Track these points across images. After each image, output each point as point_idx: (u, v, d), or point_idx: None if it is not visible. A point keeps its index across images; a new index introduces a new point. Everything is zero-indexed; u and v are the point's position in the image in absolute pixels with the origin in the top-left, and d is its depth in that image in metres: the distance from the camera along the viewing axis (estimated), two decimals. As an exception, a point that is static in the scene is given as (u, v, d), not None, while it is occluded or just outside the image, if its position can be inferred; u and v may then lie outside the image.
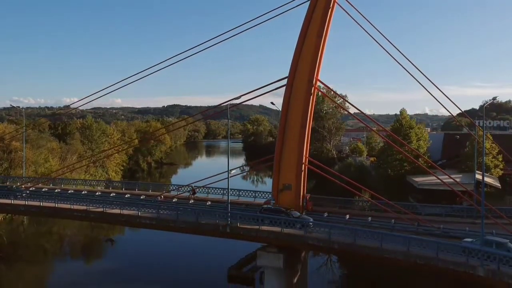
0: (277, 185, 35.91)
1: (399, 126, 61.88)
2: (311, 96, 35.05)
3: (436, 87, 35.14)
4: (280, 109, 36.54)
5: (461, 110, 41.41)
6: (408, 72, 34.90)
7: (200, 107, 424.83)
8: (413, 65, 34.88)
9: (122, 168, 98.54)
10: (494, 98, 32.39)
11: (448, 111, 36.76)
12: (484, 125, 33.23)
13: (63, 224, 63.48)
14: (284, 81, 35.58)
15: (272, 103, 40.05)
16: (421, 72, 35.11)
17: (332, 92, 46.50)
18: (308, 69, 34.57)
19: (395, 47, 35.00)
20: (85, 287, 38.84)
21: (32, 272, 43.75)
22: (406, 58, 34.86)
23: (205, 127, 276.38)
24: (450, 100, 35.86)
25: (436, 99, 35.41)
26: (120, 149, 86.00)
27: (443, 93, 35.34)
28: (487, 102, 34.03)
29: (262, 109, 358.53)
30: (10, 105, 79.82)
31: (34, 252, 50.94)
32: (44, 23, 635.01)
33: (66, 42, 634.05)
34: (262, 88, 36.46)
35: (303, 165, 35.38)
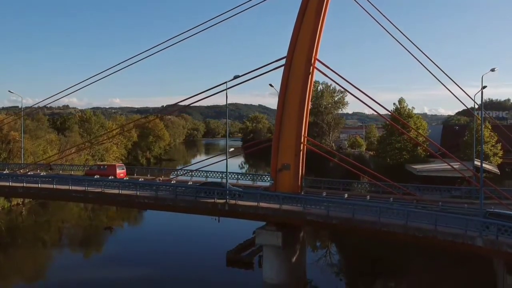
0: (275, 165, 35.76)
1: (397, 115, 61.90)
2: (310, 76, 35.00)
3: (456, 84, 35.16)
4: (279, 92, 36.43)
5: (477, 104, 41.32)
6: (427, 69, 34.18)
7: (199, 106, 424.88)
8: (432, 61, 34.59)
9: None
10: (492, 69, 32.07)
11: (466, 105, 36.62)
12: (483, 101, 33.07)
13: (62, 215, 63.52)
14: (283, 61, 35.49)
15: (270, 85, 39.68)
16: (440, 69, 35.02)
17: (329, 78, 45.41)
18: (307, 48, 34.48)
19: (410, 40, 34.69)
20: (84, 273, 38.42)
21: (31, 260, 43.31)
22: (423, 53, 34.55)
23: (204, 125, 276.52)
24: (469, 96, 36.03)
25: (456, 96, 35.13)
26: (119, 132, 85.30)
27: (462, 90, 35.42)
28: (485, 89, 33.75)
29: (261, 108, 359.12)
30: (9, 91, 78.03)
31: (32, 241, 50.60)
32: (43, 23, 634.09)
33: (64, 42, 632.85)
34: (261, 69, 36.33)
35: (302, 145, 35.28)
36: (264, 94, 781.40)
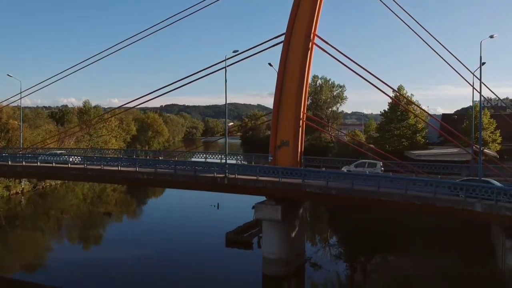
0: (274, 142, 35.74)
1: (397, 102, 62.04)
2: (309, 52, 35.01)
3: (484, 84, 34.62)
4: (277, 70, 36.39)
5: (476, 77, 41.18)
6: (451, 66, 34.59)
7: (198, 106, 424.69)
8: (457, 59, 34.79)
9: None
10: (491, 36, 31.88)
11: (467, 80, 36.11)
12: (481, 81, 32.80)
13: (61, 205, 63.48)
14: (281, 38, 35.53)
15: (269, 64, 39.59)
16: (467, 68, 35.30)
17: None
18: (306, 24, 34.48)
19: (429, 33, 34.80)
20: (84, 259, 38.06)
21: (30, 248, 42.81)
22: (445, 48, 34.80)
23: (203, 124, 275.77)
24: (469, 70, 36.10)
25: (458, 72, 35.05)
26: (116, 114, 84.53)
27: (462, 64, 35.48)
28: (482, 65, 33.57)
29: (260, 108, 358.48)
30: (7, 75, 77.02)
31: (31, 229, 50.28)
32: (41, 22, 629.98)
33: (61, 41, 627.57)
34: (259, 46, 36.35)
35: (301, 121, 35.28)
36: (262, 94, 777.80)
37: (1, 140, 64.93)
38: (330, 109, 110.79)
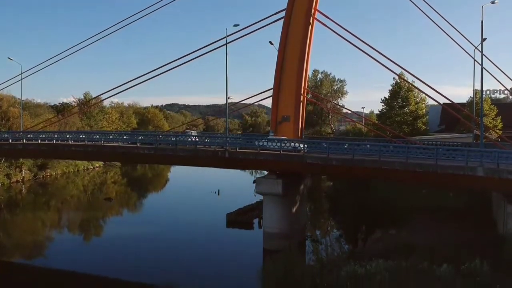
0: (275, 117, 35.84)
1: (398, 89, 62.07)
2: (310, 27, 35.07)
3: (486, 57, 34.15)
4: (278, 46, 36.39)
5: (479, 50, 40.55)
6: (451, 38, 35.07)
7: (198, 106, 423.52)
8: (458, 31, 35.29)
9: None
10: (493, 2, 31.82)
11: (469, 53, 35.93)
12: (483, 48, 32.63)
13: (62, 193, 63.42)
14: (282, 14, 35.59)
15: (270, 42, 39.62)
16: (469, 41, 35.66)
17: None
18: (307, -1, 34.68)
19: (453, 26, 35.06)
20: (85, 245, 37.59)
21: (30, 237, 42.35)
22: (474, 46, 35.36)
23: (203, 123, 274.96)
24: (471, 42, 36.12)
25: (461, 47, 35.05)
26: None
27: (462, 36, 35.42)
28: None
29: (260, 107, 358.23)
30: (8, 58, 74.26)
31: (32, 218, 49.88)
32: (40, 21, 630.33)
33: (60, 41, 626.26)
34: (260, 22, 36.38)
35: (302, 96, 35.30)
36: (261, 94, 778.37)
37: (2, 127, 64.91)
38: (330, 103, 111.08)
